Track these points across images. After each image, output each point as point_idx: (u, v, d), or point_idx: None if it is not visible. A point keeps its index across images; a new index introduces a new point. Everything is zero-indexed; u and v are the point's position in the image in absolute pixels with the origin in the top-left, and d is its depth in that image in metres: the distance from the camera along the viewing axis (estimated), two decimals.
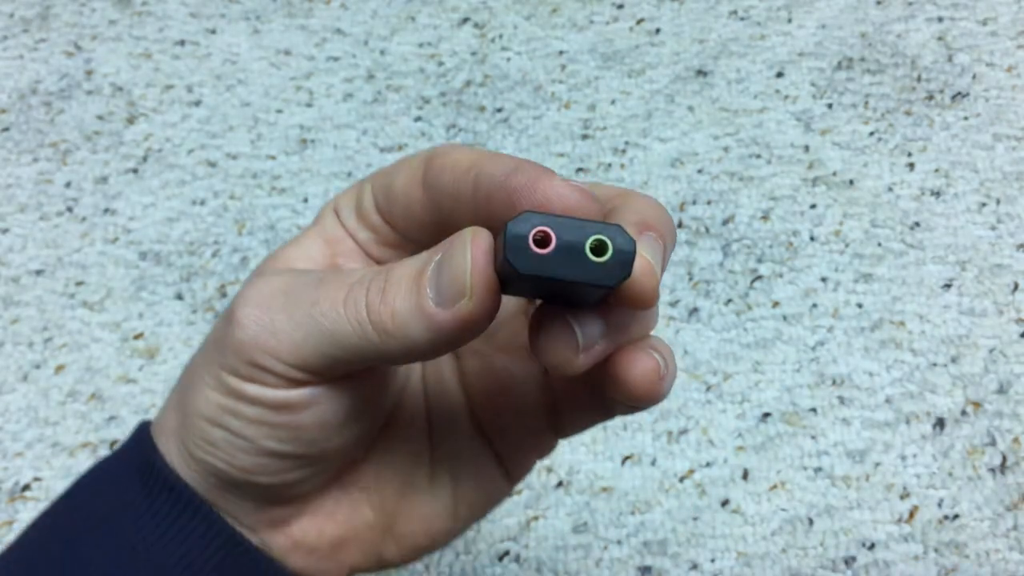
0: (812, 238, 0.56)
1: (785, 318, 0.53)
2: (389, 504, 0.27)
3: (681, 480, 0.48)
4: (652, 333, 0.23)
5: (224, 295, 0.55)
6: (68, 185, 0.60)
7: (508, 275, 0.20)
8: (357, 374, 0.24)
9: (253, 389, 0.23)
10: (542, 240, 0.19)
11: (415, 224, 0.25)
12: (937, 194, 0.58)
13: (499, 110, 0.63)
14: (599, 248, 0.19)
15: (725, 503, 0.47)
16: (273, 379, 0.23)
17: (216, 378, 0.23)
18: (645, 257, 0.21)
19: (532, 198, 0.21)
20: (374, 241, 0.26)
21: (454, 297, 0.21)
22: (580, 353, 0.21)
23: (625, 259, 0.19)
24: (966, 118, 0.61)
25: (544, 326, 0.21)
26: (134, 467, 0.25)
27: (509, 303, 0.27)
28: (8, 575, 0.25)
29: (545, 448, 0.28)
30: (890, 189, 0.58)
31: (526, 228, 0.19)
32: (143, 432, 0.26)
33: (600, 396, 0.25)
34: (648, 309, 0.22)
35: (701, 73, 0.65)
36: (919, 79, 0.63)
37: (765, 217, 0.57)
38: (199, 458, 0.24)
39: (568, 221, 0.19)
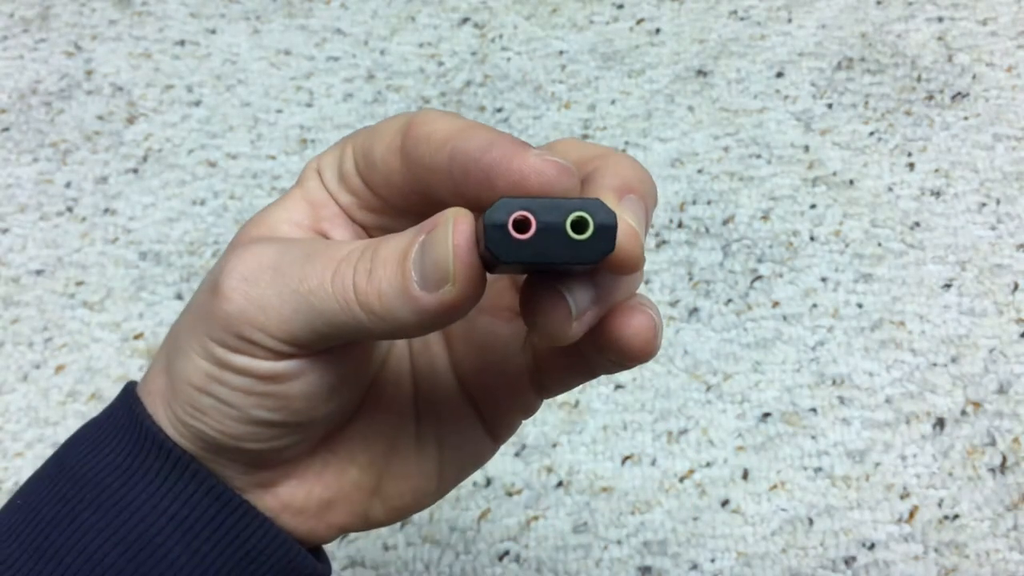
0: (812, 238, 0.56)
1: (785, 318, 0.53)
2: (376, 465, 0.27)
3: (681, 480, 0.48)
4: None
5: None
6: (68, 185, 0.60)
7: (491, 261, 0.20)
8: (344, 346, 0.24)
9: (241, 360, 0.23)
10: (521, 224, 0.19)
11: (396, 192, 0.24)
12: (937, 194, 0.58)
13: (499, 110, 0.63)
14: (580, 225, 0.19)
15: (725, 503, 0.47)
16: (261, 351, 0.23)
17: (203, 347, 0.23)
18: (628, 223, 0.21)
19: (508, 176, 0.21)
20: (356, 205, 0.26)
21: (438, 282, 0.21)
22: (573, 322, 0.21)
23: (608, 234, 0.19)
24: (966, 118, 0.61)
25: (535, 298, 0.21)
26: (123, 428, 0.25)
27: None
28: None
29: (529, 408, 0.28)
30: (890, 189, 0.58)
31: (503, 216, 0.19)
32: (130, 394, 0.26)
33: (582, 355, 0.25)
34: (635, 273, 0.22)
35: (701, 73, 0.65)
36: (919, 79, 0.63)
37: (765, 217, 0.57)
38: (188, 423, 0.24)
39: (546, 202, 0.19)
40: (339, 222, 0.26)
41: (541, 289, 0.21)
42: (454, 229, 0.20)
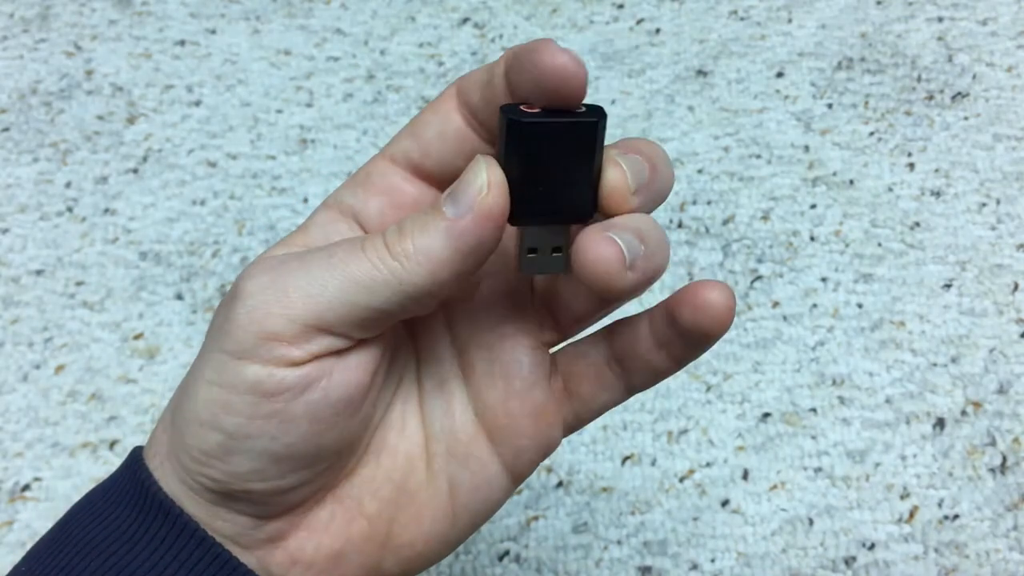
0: (812, 238, 0.56)
1: (785, 318, 0.53)
2: (385, 512, 0.26)
3: (681, 480, 0.48)
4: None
5: (224, 295, 0.55)
6: (68, 185, 0.60)
7: (509, 150, 0.23)
8: (349, 363, 0.24)
9: (252, 371, 0.23)
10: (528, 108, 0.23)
11: (450, 148, 0.25)
12: (937, 194, 0.58)
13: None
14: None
15: (725, 503, 0.47)
16: (279, 349, 0.23)
17: (214, 368, 0.23)
18: (617, 163, 0.24)
19: (534, 59, 0.23)
20: (389, 205, 0.26)
21: (473, 199, 0.22)
22: (628, 270, 0.23)
23: (598, 110, 0.24)
24: (966, 118, 0.61)
25: (589, 243, 0.23)
26: (127, 494, 0.25)
27: (498, 290, 0.27)
28: None
29: (551, 443, 0.27)
30: (890, 189, 0.58)
31: (514, 106, 0.23)
32: (135, 457, 0.26)
33: (613, 366, 0.26)
34: (631, 209, 0.24)
35: (701, 73, 0.65)
36: (919, 79, 0.63)
37: (765, 217, 0.57)
38: (195, 471, 0.24)
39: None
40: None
41: (592, 233, 0.23)
42: (482, 157, 0.23)
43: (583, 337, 0.28)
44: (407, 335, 0.28)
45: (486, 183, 0.22)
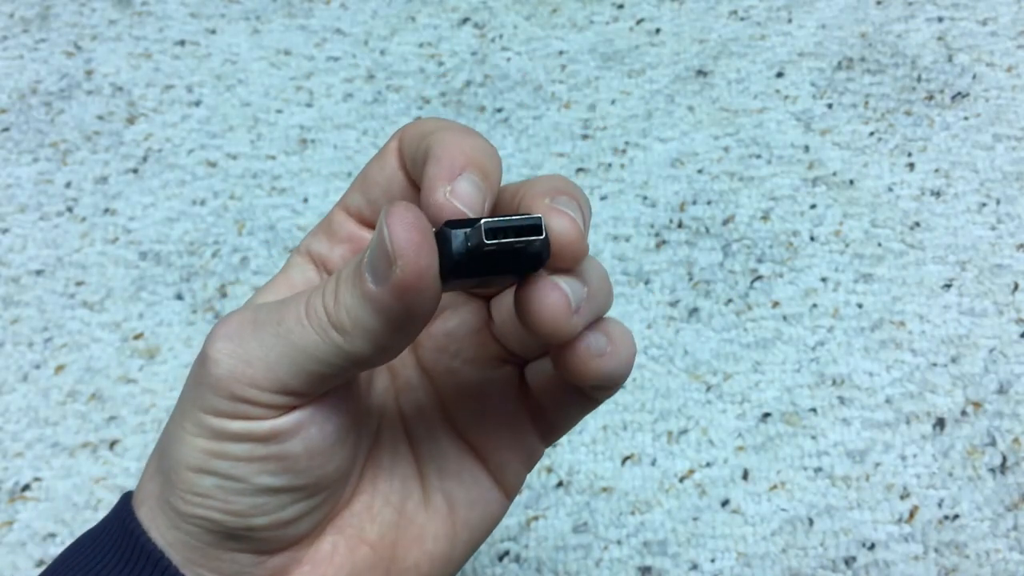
0: (812, 238, 0.56)
1: (785, 318, 0.53)
2: (388, 536, 0.26)
3: (681, 480, 0.48)
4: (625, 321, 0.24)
5: (224, 295, 0.55)
6: (68, 185, 0.60)
7: (452, 260, 0.21)
8: (336, 392, 0.24)
9: (238, 425, 0.22)
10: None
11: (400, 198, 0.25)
12: (937, 194, 0.58)
13: (499, 110, 0.63)
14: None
15: (725, 503, 0.47)
16: (256, 410, 0.22)
17: (197, 423, 0.23)
18: (563, 212, 0.22)
19: (425, 200, 0.22)
20: (352, 252, 0.26)
21: (385, 271, 0.20)
22: (573, 315, 0.22)
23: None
24: (966, 118, 0.61)
25: (531, 292, 0.22)
26: (116, 543, 0.25)
27: (472, 319, 0.27)
28: None
29: (532, 455, 0.28)
30: (890, 189, 0.58)
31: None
32: (124, 504, 0.25)
33: (576, 388, 0.26)
34: (576, 262, 0.22)
35: (701, 73, 0.65)
36: (919, 79, 0.63)
37: (765, 217, 0.57)
38: (191, 514, 0.23)
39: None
40: None
41: (536, 282, 0.22)
42: (387, 214, 0.20)
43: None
44: None
45: (393, 253, 0.20)
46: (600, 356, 0.23)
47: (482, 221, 0.20)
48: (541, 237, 0.21)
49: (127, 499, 0.26)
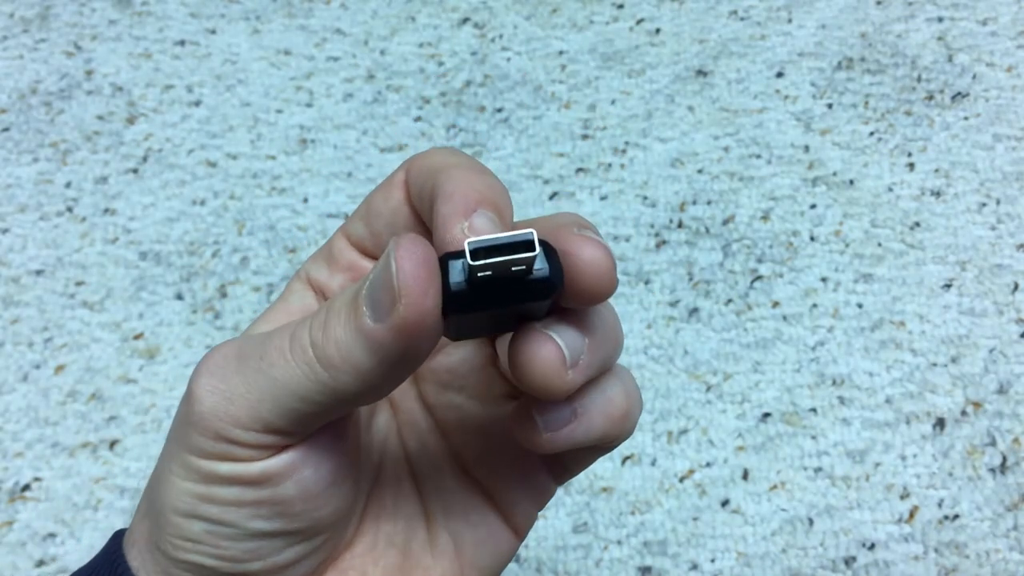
0: (812, 238, 0.56)
1: (785, 318, 0.53)
2: None
3: (681, 480, 0.48)
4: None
5: (224, 295, 0.55)
6: (68, 185, 0.60)
7: (450, 293, 0.20)
8: (331, 430, 0.22)
9: (226, 468, 0.21)
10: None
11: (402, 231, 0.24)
12: (937, 194, 0.58)
13: (499, 110, 0.63)
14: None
15: (725, 503, 0.47)
16: (243, 451, 0.21)
17: (184, 466, 0.22)
18: (594, 240, 0.20)
19: (440, 236, 0.21)
20: (351, 280, 0.25)
21: (388, 307, 0.19)
22: (568, 369, 0.20)
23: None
24: (966, 118, 0.61)
25: (523, 344, 0.20)
26: None
27: (477, 354, 0.26)
28: None
29: (543, 493, 0.26)
30: (890, 189, 0.58)
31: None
32: (115, 544, 0.24)
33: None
34: (607, 296, 0.21)
35: (701, 73, 0.65)
36: (919, 79, 0.63)
37: (765, 217, 0.57)
38: (181, 559, 0.22)
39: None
40: None
41: (529, 333, 0.20)
42: (397, 248, 0.19)
43: None
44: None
45: (397, 291, 0.19)
46: (554, 431, 0.21)
47: (466, 241, 0.19)
48: (534, 253, 0.19)
49: (118, 538, 0.24)
